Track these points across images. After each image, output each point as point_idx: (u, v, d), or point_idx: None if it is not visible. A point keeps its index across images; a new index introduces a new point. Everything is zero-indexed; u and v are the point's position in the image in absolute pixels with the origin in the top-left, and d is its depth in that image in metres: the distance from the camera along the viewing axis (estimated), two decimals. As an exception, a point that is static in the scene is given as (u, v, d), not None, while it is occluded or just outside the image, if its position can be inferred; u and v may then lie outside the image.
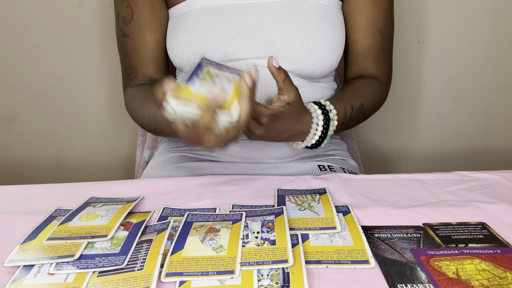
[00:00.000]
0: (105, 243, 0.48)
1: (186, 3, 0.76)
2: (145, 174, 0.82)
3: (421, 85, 1.19)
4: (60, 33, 1.12)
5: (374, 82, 0.80)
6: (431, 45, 1.15)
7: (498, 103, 1.21)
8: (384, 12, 0.79)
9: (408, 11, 1.11)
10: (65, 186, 0.66)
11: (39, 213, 0.56)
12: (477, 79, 1.18)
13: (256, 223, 0.52)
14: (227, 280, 0.41)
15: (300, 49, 0.72)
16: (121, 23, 0.79)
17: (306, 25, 0.72)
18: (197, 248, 0.46)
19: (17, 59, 1.14)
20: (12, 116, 1.20)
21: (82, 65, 1.15)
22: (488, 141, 1.25)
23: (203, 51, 0.73)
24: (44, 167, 1.26)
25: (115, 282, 0.42)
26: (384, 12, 0.79)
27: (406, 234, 0.50)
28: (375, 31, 0.79)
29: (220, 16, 0.73)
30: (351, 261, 0.45)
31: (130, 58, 0.80)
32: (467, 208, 0.56)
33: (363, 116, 0.77)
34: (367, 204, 0.58)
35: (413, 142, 1.26)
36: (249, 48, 0.73)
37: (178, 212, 0.57)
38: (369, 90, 0.79)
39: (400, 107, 1.21)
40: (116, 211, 0.55)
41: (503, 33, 1.13)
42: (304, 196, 0.60)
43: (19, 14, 1.10)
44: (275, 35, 0.72)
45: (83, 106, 1.20)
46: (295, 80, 0.74)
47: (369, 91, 0.79)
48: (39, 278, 0.43)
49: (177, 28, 0.76)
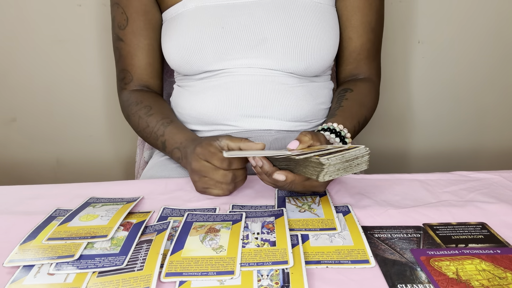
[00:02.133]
0: (105, 243, 0.48)
1: (179, 5, 0.76)
2: (145, 174, 0.82)
3: (421, 85, 1.19)
4: (60, 33, 1.12)
5: (370, 87, 0.81)
6: (431, 45, 1.15)
7: (498, 103, 1.21)
8: (377, 10, 0.80)
9: (408, 11, 1.11)
10: (65, 186, 0.66)
11: (39, 213, 0.56)
12: (477, 79, 1.18)
13: (256, 224, 0.52)
14: (227, 280, 0.41)
15: (292, 47, 0.72)
16: (117, 27, 0.81)
17: (299, 22, 0.72)
18: (197, 248, 0.46)
19: (17, 59, 1.14)
20: (12, 116, 1.20)
21: (82, 65, 1.15)
22: (489, 141, 1.25)
23: (197, 51, 0.73)
24: (44, 167, 1.26)
25: (115, 282, 0.42)
26: (376, 10, 0.80)
27: (406, 234, 0.50)
28: (368, 29, 0.80)
29: (213, 16, 0.74)
30: (351, 261, 0.45)
31: (125, 62, 0.82)
32: (467, 208, 0.56)
33: (364, 126, 0.78)
34: (367, 204, 0.58)
35: (413, 142, 1.26)
36: (242, 47, 0.73)
37: (178, 212, 0.57)
38: (369, 99, 0.80)
39: (400, 107, 1.21)
40: (116, 211, 0.55)
41: (503, 33, 1.13)
42: (304, 198, 0.60)
43: (19, 14, 1.10)
44: (268, 33, 0.73)
45: (83, 106, 1.20)
46: (289, 80, 0.75)
47: (370, 100, 0.80)
48: (39, 278, 0.43)
49: (171, 30, 0.76)
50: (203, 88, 0.77)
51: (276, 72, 0.74)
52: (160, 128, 0.73)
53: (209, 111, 0.76)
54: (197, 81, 0.78)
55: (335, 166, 0.49)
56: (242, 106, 0.74)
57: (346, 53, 0.82)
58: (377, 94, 0.83)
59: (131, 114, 0.79)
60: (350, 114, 0.73)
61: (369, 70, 0.83)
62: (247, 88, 0.74)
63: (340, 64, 0.85)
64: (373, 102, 0.81)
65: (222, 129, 0.77)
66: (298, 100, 0.75)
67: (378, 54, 0.85)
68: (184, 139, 0.69)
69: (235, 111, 0.75)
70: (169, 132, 0.72)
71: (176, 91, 0.84)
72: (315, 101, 0.78)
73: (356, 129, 0.73)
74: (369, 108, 0.79)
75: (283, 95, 0.74)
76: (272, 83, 0.74)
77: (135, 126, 0.79)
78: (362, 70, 0.83)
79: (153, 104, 0.78)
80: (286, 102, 0.75)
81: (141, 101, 0.79)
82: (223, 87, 0.75)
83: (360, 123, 0.75)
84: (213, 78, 0.76)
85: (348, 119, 0.71)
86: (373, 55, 0.83)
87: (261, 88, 0.74)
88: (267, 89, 0.74)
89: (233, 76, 0.75)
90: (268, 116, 0.75)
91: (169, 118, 0.75)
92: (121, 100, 0.84)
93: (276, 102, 0.74)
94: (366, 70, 0.83)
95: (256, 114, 0.75)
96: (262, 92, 0.74)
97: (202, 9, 0.75)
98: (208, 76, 0.77)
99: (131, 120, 0.80)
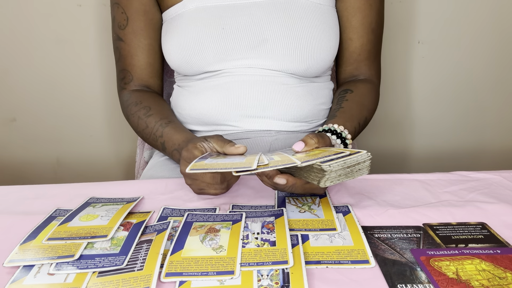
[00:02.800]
0: (105, 243, 0.48)
1: (179, 5, 0.76)
2: (145, 174, 0.82)
3: (421, 85, 1.19)
4: (60, 33, 1.12)
5: (371, 88, 0.81)
6: (431, 45, 1.15)
7: (498, 103, 1.21)
8: (377, 11, 0.80)
9: (408, 11, 1.11)
10: (65, 186, 0.66)
11: (39, 213, 0.56)
12: (477, 79, 1.18)
13: (256, 224, 0.52)
14: (227, 280, 0.41)
15: (293, 48, 0.72)
16: (117, 27, 0.81)
17: (299, 23, 0.72)
18: (197, 248, 0.46)
19: (17, 59, 1.14)
20: (12, 116, 1.20)
21: (82, 65, 1.15)
22: (489, 141, 1.25)
23: (197, 51, 0.73)
24: (44, 167, 1.26)
25: (115, 282, 0.42)
26: (377, 11, 0.80)
27: (406, 234, 0.50)
28: (368, 30, 0.80)
29: (213, 16, 0.74)
30: (351, 261, 0.45)
31: (125, 62, 0.82)
32: (467, 208, 0.56)
33: (364, 127, 0.78)
34: (367, 204, 0.58)
35: (413, 142, 1.26)
36: (243, 47, 0.73)
37: (178, 212, 0.57)
38: (370, 100, 0.80)
39: (400, 107, 1.21)
40: (116, 211, 0.55)
41: (503, 33, 1.13)
42: (304, 198, 0.60)
43: (19, 14, 1.10)
44: (268, 34, 0.73)
45: (83, 106, 1.20)
46: (289, 80, 0.75)
47: (370, 102, 0.80)
48: (39, 278, 0.43)
49: (171, 30, 0.76)
50: (203, 88, 0.77)
51: (276, 73, 0.74)
52: (158, 129, 0.73)
53: (209, 111, 0.76)
54: (197, 81, 0.78)
55: (337, 172, 0.50)
56: (242, 106, 0.74)
57: (346, 54, 0.82)
58: (377, 95, 0.83)
59: (130, 114, 0.79)
60: (351, 115, 0.73)
61: (369, 71, 0.83)
62: (247, 88, 0.74)
63: (340, 64, 0.85)
64: (373, 103, 0.81)
65: (222, 129, 0.77)
66: (299, 100, 0.75)
67: (378, 55, 0.85)
68: (182, 140, 0.69)
69: (235, 111, 0.75)
70: (167, 133, 0.72)
71: (176, 91, 0.84)
72: (316, 101, 0.78)
73: (357, 130, 0.73)
74: (370, 109, 0.79)
75: (283, 95, 0.74)
76: (272, 83, 0.74)
77: (134, 127, 0.79)
78: (362, 71, 0.83)
79: (153, 104, 0.78)
80: (286, 102, 0.75)
81: (141, 102, 0.79)
82: (223, 87, 0.75)
83: (361, 124, 0.75)
84: (213, 78, 0.76)
85: (348, 120, 0.71)
86: (373, 56, 0.83)
87: (261, 88, 0.74)
88: (267, 89, 0.74)
89: (233, 76, 0.74)
90: (268, 117, 0.75)
91: (168, 119, 0.75)
92: (121, 100, 0.84)
93: (276, 102, 0.74)
94: (366, 71, 0.83)
95: (256, 114, 0.75)
96: (262, 92, 0.74)
97: (202, 9, 0.75)
98: (208, 76, 0.77)
99: (130, 120, 0.80)
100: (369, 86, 0.81)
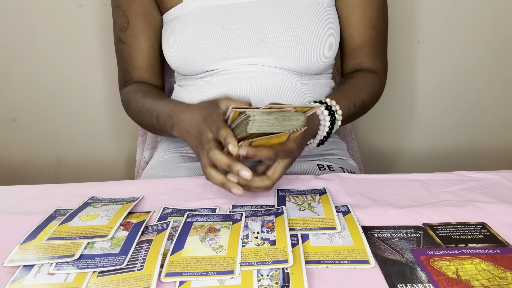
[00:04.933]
0: (105, 243, 0.48)
1: (179, 6, 0.77)
2: (145, 174, 0.82)
3: (421, 85, 1.19)
4: (60, 33, 1.12)
5: (373, 76, 0.81)
6: (431, 45, 1.15)
7: (498, 103, 1.21)
8: (378, 7, 0.80)
9: (408, 11, 1.11)
10: (65, 186, 0.66)
11: (39, 213, 0.56)
12: (477, 79, 1.18)
13: (256, 223, 0.52)
14: (227, 280, 0.41)
15: (292, 46, 0.72)
16: (118, 30, 0.82)
17: (299, 22, 0.72)
18: (197, 248, 0.46)
19: (18, 59, 1.14)
20: (12, 116, 1.20)
21: (82, 65, 1.16)
22: (489, 140, 1.26)
23: (198, 51, 0.73)
24: (44, 167, 1.26)
25: (115, 282, 0.42)
26: (377, 7, 0.80)
27: (406, 234, 0.50)
28: (369, 26, 0.80)
29: (213, 16, 0.74)
30: (351, 261, 0.45)
31: (126, 63, 0.83)
32: (467, 208, 0.56)
33: (363, 111, 0.77)
34: (367, 204, 0.58)
35: (413, 142, 1.26)
36: (243, 46, 0.73)
37: (178, 212, 0.57)
38: (369, 85, 0.80)
39: (400, 107, 1.21)
40: (116, 211, 0.55)
41: (503, 33, 1.13)
42: (304, 196, 0.60)
43: (19, 14, 1.10)
44: (268, 33, 0.73)
45: (83, 106, 1.20)
46: (291, 77, 0.75)
47: (369, 87, 0.79)
48: (39, 278, 0.43)
49: (171, 31, 0.77)
50: (204, 85, 0.77)
51: (277, 70, 0.74)
52: (153, 104, 0.73)
53: None
54: (198, 80, 0.78)
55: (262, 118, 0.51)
56: None
57: (348, 50, 0.82)
58: (380, 85, 0.83)
59: (129, 101, 0.80)
60: (346, 95, 0.73)
61: (373, 65, 0.83)
62: (248, 84, 0.74)
63: (343, 60, 0.85)
64: (373, 89, 0.80)
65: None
66: (300, 97, 0.75)
67: (383, 50, 0.84)
68: (174, 106, 0.68)
69: None
70: (162, 105, 0.71)
71: (176, 90, 0.84)
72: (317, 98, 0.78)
73: (351, 110, 0.72)
74: (368, 94, 0.78)
75: (285, 92, 0.74)
76: (273, 79, 0.74)
77: (133, 112, 0.79)
78: (366, 64, 0.83)
79: (151, 90, 0.80)
80: (287, 99, 0.75)
81: (139, 88, 0.80)
82: (224, 84, 0.75)
83: (356, 106, 0.74)
84: (213, 76, 0.76)
85: (342, 98, 0.71)
86: (376, 51, 0.82)
87: (263, 84, 0.74)
88: (268, 85, 0.74)
89: (234, 73, 0.75)
90: None
91: (164, 98, 0.76)
92: (122, 95, 0.84)
93: (278, 99, 0.74)
94: (370, 64, 0.83)
95: None
96: (263, 88, 0.74)
97: (202, 10, 0.75)
98: (209, 75, 0.77)
99: (130, 108, 0.80)
100: (371, 74, 0.81)
